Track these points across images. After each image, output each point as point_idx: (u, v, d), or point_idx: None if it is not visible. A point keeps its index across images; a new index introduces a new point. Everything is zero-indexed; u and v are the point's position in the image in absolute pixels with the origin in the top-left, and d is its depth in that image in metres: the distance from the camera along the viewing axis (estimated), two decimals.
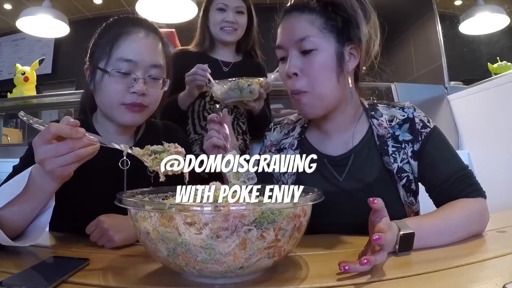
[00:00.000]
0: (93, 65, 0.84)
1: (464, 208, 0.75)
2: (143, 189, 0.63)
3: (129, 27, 0.84)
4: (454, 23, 2.74)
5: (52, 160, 0.59)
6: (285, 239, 0.50)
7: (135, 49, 0.82)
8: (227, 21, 1.40)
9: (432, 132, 0.84)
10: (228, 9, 1.41)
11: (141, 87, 0.81)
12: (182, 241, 0.47)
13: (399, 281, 0.53)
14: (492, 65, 2.50)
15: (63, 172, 0.61)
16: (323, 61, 0.79)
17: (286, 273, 0.57)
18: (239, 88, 1.19)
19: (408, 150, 0.84)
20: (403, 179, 0.84)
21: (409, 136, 0.84)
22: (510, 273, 0.53)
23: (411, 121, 0.84)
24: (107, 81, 0.81)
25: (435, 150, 0.83)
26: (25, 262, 0.61)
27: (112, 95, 0.82)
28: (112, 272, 0.59)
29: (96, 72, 0.83)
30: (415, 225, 0.65)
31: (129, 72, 0.81)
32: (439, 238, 0.69)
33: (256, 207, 0.48)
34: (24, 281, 0.52)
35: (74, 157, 0.59)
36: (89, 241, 0.75)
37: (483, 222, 0.77)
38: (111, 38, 0.82)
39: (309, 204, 0.54)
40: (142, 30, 0.85)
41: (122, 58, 0.81)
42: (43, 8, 2.47)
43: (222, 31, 1.41)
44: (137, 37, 0.83)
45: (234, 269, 0.49)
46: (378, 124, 0.86)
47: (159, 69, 0.85)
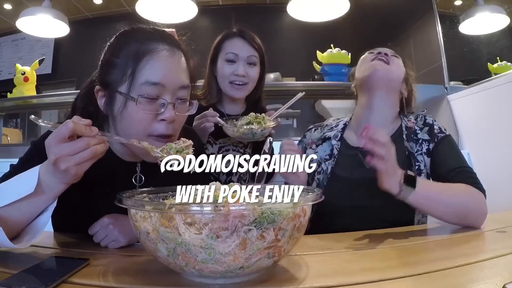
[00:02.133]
0: (110, 89, 0.73)
1: (465, 187, 0.88)
2: (143, 189, 0.63)
3: (152, 43, 0.72)
4: (454, 23, 2.74)
5: (68, 158, 0.59)
6: (285, 239, 0.50)
7: (162, 71, 0.71)
8: (237, 74, 1.24)
9: (446, 137, 1.02)
10: (239, 59, 1.25)
11: (172, 114, 0.71)
12: (182, 241, 0.47)
13: (399, 281, 0.53)
14: (492, 65, 2.50)
15: (78, 171, 0.61)
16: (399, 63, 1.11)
17: (286, 273, 0.57)
18: (252, 133, 1.18)
19: (423, 147, 1.01)
20: (417, 166, 1.00)
21: (427, 137, 1.02)
22: (510, 273, 0.53)
23: (430, 126, 1.04)
24: (132, 109, 0.70)
25: (446, 150, 0.99)
26: (25, 262, 0.61)
27: (139, 125, 0.71)
28: (112, 272, 0.59)
29: (116, 98, 0.72)
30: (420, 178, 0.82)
31: (157, 97, 0.71)
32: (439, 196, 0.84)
33: (256, 207, 0.47)
34: (24, 281, 0.52)
35: (91, 153, 0.60)
36: (89, 241, 0.75)
37: (480, 210, 0.85)
38: (133, 57, 0.71)
39: (309, 204, 0.54)
40: (167, 46, 0.73)
41: (148, 82, 0.70)
42: (43, 8, 2.47)
43: (231, 86, 1.26)
44: (163, 56, 0.72)
45: (234, 269, 0.49)
46: (408, 120, 1.08)
47: (187, 90, 0.75)
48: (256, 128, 1.17)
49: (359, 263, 0.63)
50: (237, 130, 1.18)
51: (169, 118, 0.70)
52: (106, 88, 0.74)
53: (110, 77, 0.73)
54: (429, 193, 0.83)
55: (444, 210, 0.84)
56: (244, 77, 1.25)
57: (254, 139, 1.21)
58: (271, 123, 1.20)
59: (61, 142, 0.59)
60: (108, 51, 0.76)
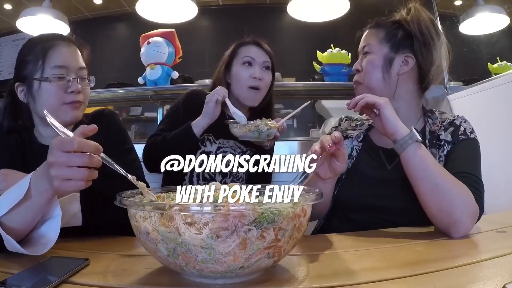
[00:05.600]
0: (28, 80, 0.95)
1: (465, 187, 0.79)
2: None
3: (53, 41, 0.96)
4: (454, 23, 2.74)
5: (61, 168, 0.59)
6: (285, 239, 0.50)
7: (64, 57, 0.95)
8: (255, 77, 1.27)
9: (468, 140, 0.93)
10: (255, 63, 1.29)
11: (77, 86, 0.95)
12: (182, 241, 0.47)
13: (399, 281, 0.53)
14: (492, 65, 2.51)
15: (62, 185, 0.60)
16: (371, 61, 1.01)
17: (286, 273, 0.57)
18: (258, 131, 1.19)
19: (445, 150, 0.94)
20: None
21: (450, 138, 0.94)
22: (510, 273, 0.53)
23: (456, 127, 0.96)
24: (47, 87, 0.93)
25: (461, 151, 0.92)
26: (25, 262, 0.61)
27: (54, 98, 0.93)
28: (112, 272, 0.59)
29: (33, 84, 0.94)
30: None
31: (64, 76, 0.94)
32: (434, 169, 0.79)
33: (256, 207, 0.47)
34: (24, 281, 0.52)
35: (82, 175, 0.59)
36: (89, 241, 0.75)
37: (464, 218, 0.76)
38: (41, 52, 0.94)
39: (309, 204, 0.54)
40: (64, 42, 0.98)
41: (56, 66, 0.93)
42: (43, 8, 2.47)
43: (248, 91, 1.29)
44: (63, 47, 0.97)
45: (234, 269, 0.49)
46: (432, 122, 1.00)
47: (85, 70, 1.00)
48: (263, 125, 1.18)
49: (359, 263, 0.63)
50: (243, 125, 1.19)
51: (76, 89, 0.95)
52: (24, 80, 0.96)
53: (25, 72, 0.95)
54: (428, 159, 0.80)
55: (429, 187, 0.79)
56: (260, 81, 1.28)
57: (259, 139, 1.22)
58: (276, 124, 1.21)
59: (62, 151, 0.59)
60: (20, 54, 0.99)
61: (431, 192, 0.79)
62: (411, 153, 0.81)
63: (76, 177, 0.59)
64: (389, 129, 0.84)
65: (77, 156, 0.59)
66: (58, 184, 0.59)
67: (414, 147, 0.81)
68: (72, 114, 0.96)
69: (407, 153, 0.81)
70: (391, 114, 0.84)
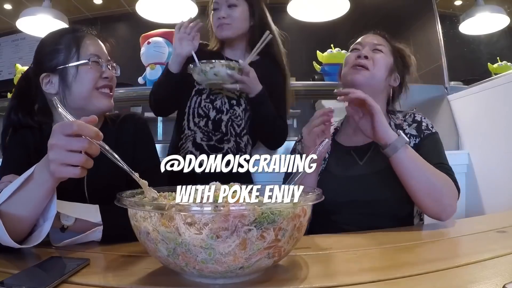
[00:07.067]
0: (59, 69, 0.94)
1: (445, 175, 0.92)
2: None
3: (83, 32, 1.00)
4: (454, 23, 2.74)
5: (60, 151, 0.59)
6: (285, 239, 0.50)
7: (96, 46, 0.99)
8: (219, 17, 1.38)
9: (432, 134, 1.05)
10: (220, 5, 1.39)
11: (110, 72, 0.99)
12: (182, 241, 0.47)
13: (399, 281, 0.53)
14: (492, 65, 2.50)
15: (57, 170, 0.60)
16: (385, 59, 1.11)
17: (286, 273, 0.57)
18: (203, 71, 1.20)
19: (411, 142, 1.02)
20: None
21: (415, 132, 1.05)
22: (510, 273, 0.53)
23: (418, 123, 1.07)
24: (84, 72, 0.94)
25: (429, 145, 1.02)
26: (25, 262, 0.61)
27: (91, 84, 0.94)
28: (112, 272, 0.59)
29: (68, 71, 0.93)
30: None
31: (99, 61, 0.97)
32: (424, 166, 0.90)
33: (256, 207, 0.47)
34: (24, 281, 0.52)
35: (78, 160, 0.59)
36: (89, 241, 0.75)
37: (452, 201, 0.91)
38: (74, 40, 0.96)
39: (309, 204, 0.54)
40: (92, 34, 1.02)
41: (92, 54, 0.95)
42: (43, 8, 2.47)
43: (218, 29, 1.40)
44: (94, 39, 1.01)
45: (234, 269, 0.49)
46: (396, 117, 1.11)
47: (112, 60, 1.03)
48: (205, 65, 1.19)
49: (359, 263, 0.63)
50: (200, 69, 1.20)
51: (109, 74, 0.99)
52: (54, 71, 0.94)
53: (56, 60, 0.94)
54: (417, 158, 0.91)
55: (422, 183, 0.89)
56: (225, 19, 1.37)
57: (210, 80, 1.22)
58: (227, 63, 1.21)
59: (62, 134, 0.59)
60: (46, 45, 0.98)
61: (424, 186, 0.89)
62: (403, 155, 0.90)
63: (72, 161, 0.59)
64: (380, 134, 0.92)
65: (77, 140, 0.59)
66: (54, 168, 0.60)
67: (404, 149, 0.90)
68: (106, 101, 0.97)
69: (399, 155, 0.90)
70: (384, 120, 0.93)
